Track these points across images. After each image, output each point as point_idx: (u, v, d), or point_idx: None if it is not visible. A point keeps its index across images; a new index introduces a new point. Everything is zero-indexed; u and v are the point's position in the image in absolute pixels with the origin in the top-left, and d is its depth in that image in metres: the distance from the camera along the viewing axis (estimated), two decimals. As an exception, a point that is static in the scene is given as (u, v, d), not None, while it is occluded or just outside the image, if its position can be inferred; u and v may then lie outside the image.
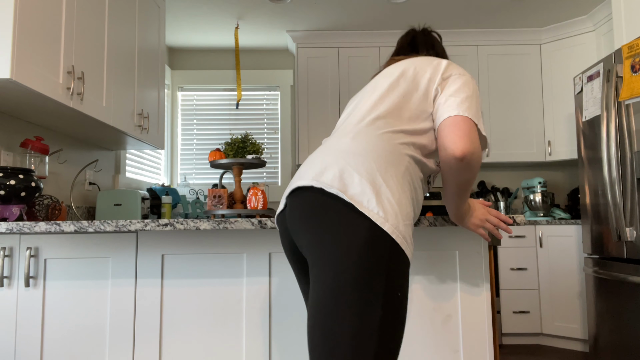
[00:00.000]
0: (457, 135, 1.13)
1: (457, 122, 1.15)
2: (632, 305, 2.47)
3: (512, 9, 3.77)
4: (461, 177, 1.18)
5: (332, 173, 1.09)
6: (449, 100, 1.19)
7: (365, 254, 1.00)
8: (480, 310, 1.58)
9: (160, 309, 1.59)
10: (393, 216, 1.04)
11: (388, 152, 1.13)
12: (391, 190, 1.07)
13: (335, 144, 1.18)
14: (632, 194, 2.46)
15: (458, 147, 1.13)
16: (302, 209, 1.11)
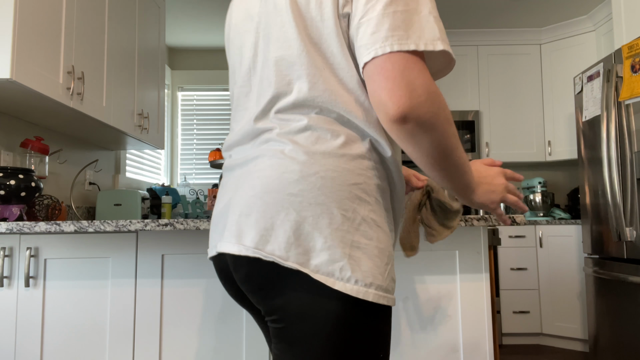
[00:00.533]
0: (383, 87, 0.71)
1: (381, 66, 0.72)
2: (632, 305, 2.47)
3: (512, 9, 3.77)
4: (423, 145, 0.75)
5: (281, 234, 0.76)
6: (364, 30, 0.74)
7: (341, 340, 0.76)
8: (480, 310, 1.58)
9: (160, 308, 1.59)
10: (377, 274, 0.77)
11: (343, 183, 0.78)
12: (353, 232, 0.77)
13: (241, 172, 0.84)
14: (632, 194, 2.46)
15: (389, 105, 0.71)
16: (250, 286, 0.81)
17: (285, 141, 0.80)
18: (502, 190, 0.93)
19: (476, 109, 4.10)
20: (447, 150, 0.76)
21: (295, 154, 0.79)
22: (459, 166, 0.81)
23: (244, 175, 0.84)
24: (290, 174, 0.77)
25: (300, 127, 0.81)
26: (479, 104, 4.11)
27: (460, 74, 4.14)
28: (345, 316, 0.75)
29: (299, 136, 0.80)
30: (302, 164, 0.77)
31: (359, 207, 0.78)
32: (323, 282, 0.75)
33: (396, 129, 0.73)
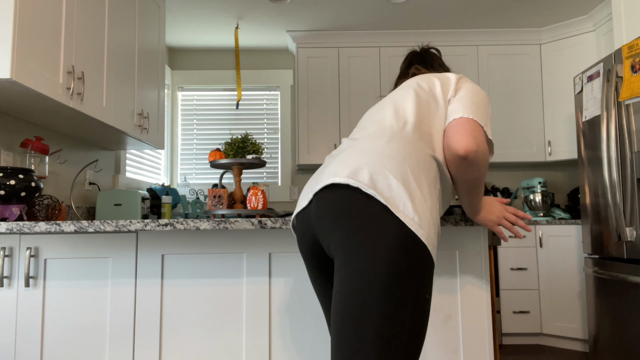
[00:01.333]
0: (460, 133, 1.16)
1: (462, 123, 1.18)
2: (632, 305, 2.47)
3: (512, 9, 3.77)
4: (468, 176, 1.20)
5: (369, 174, 1.08)
6: (456, 104, 1.23)
7: (399, 257, 1.01)
8: (480, 310, 1.58)
9: (160, 309, 1.59)
10: (426, 223, 1.06)
11: (421, 159, 1.14)
12: (424, 197, 1.09)
13: (369, 145, 1.17)
14: (632, 194, 2.46)
15: (461, 145, 1.15)
16: (335, 207, 1.09)
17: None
18: (498, 216, 1.36)
19: (476, 109, 4.09)
20: (477, 182, 1.24)
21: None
22: (478, 194, 1.29)
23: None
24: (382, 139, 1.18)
25: None
26: (479, 104, 4.10)
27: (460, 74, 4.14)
28: (405, 244, 1.02)
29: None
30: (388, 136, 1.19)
31: (423, 176, 1.12)
32: (390, 208, 1.04)
33: (458, 161, 1.18)
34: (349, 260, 1.03)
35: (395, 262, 1.00)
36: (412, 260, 1.02)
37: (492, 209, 1.35)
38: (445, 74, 1.36)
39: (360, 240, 1.03)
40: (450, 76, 1.34)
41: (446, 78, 1.33)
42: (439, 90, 1.30)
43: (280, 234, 1.63)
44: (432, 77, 1.35)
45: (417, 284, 1.02)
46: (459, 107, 1.23)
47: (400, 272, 1.00)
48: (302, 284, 1.61)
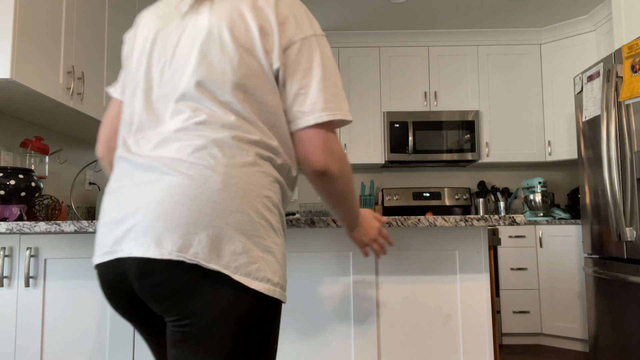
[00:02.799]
0: (312, 151, 0.94)
1: (312, 135, 0.94)
2: (632, 305, 2.47)
3: (512, 9, 3.77)
4: (331, 190, 1.00)
5: (204, 239, 0.82)
6: (298, 98, 0.94)
7: (255, 333, 0.86)
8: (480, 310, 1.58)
9: (160, 309, 1.59)
10: (282, 275, 0.90)
11: (258, 195, 0.89)
12: (266, 238, 0.88)
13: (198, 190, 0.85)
14: (632, 194, 2.46)
15: (316, 163, 0.94)
16: (164, 291, 0.83)
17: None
18: (372, 238, 1.23)
19: (476, 109, 4.10)
20: (345, 194, 1.03)
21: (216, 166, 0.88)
22: (350, 208, 1.09)
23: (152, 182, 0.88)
24: (213, 183, 0.85)
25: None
26: (479, 104, 4.11)
27: (460, 74, 4.14)
28: (259, 312, 0.86)
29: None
30: (222, 175, 0.86)
31: (270, 217, 0.90)
32: (242, 282, 0.83)
33: (316, 179, 0.97)
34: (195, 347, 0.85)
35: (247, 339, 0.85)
36: (265, 326, 0.87)
37: (369, 232, 1.22)
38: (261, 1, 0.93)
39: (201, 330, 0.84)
40: (266, 9, 0.92)
41: (263, 17, 0.91)
42: (259, 46, 0.91)
43: (280, 234, 1.63)
44: (244, 7, 0.92)
45: (268, 342, 0.90)
46: (302, 106, 0.93)
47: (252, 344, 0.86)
48: (302, 285, 1.61)
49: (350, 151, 4.07)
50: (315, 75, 0.93)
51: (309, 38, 0.94)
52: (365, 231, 1.22)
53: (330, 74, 0.95)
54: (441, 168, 4.41)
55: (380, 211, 4.21)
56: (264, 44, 0.90)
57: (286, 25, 0.92)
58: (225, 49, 0.89)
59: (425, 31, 4.14)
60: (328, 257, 1.62)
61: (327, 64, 0.95)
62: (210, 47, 0.89)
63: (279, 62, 0.91)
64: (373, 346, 1.58)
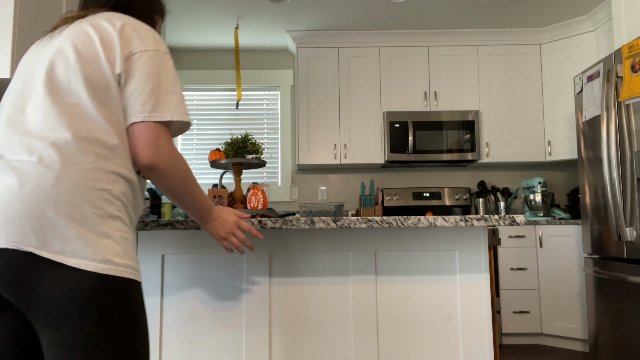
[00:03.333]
0: (139, 146, 1.04)
1: (140, 130, 1.04)
2: (632, 305, 2.47)
3: (512, 9, 3.77)
4: (164, 185, 1.09)
5: (38, 229, 0.91)
6: (131, 98, 1.05)
7: (106, 312, 0.92)
8: (480, 310, 1.58)
9: (160, 309, 1.59)
10: (125, 256, 0.98)
11: (93, 188, 0.98)
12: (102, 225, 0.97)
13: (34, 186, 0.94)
14: (632, 194, 2.46)
15: (142, 157, 1.04)
16: (7, 280, 0.91)
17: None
18: (228, 231, 1.28)
19: (476, 109, 4.10)
20: (182, 190, 1.13)
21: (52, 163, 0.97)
22: (192, 203, 1.17)
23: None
24: (47, 180, 0.94)
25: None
26: (479, 104, 4.11)
27: (460, 74, 4.14)
28: (102, 292, 0.92)
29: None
30: (57, 172, 0.96)
31: (107, 207, 0.99)
32: (76, 266, 0.91)
33: (146, 173, 1.07)
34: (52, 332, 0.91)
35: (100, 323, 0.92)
36: (119, 306, 0.94)
37: (225, 223, 1.28)
38: (105, 21, 1.07)
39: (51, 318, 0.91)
40: (109, 29, 1.06)
41: (106, 34, 1.06)
42: (102, 56, 1.04)
43: (280, 234, 1.63)
44: (89, 28, 1.06)
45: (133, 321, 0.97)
46: (135, 104, 1.05)
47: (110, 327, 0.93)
48: (302, 285, 1.61)
49: (350, 151, 4.07)
50: (151, 80, 1.06)
51: (150, 51, 1.07)
52: (221, 225, 1.28)
53: (167, 82, 1.08)
54: (441, 168, 4.41)
55: (381, 211, 4.21)
56: (107, 55, 1.04)
57: (129, 40, 1.06)
58: (69, 60, 1.03)
59: (425, 31, 4.14)
60: (328, 257, 1.62)
61: (165, 74, 1.08)
62: (56, 59, 1.03)
63: (120, 69, 1.04)
64: (373, 346, 1.58)
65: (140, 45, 1.07)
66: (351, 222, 1.43)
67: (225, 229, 1.28)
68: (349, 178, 4.42)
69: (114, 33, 1.06)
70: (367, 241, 1.62)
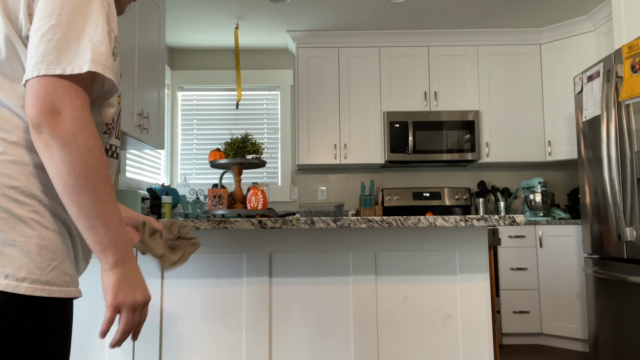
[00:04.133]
0: (28, 102, 0.77)
1: (32, 85, 0.77)
2: (632, 305, 2.47)
3: (512, 9, 3.77)
4: (53, 163, 0.77)
5: None
6: (29, 50, 0.79)
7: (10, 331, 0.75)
8: (480, 310, 1.58)
9: (160, 309, 1.59)
10: (34, 269, 0.78)
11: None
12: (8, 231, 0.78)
13: None
14: (632, 194, 2.47)
15: (29, 114, 0.76)
16: None
17: None
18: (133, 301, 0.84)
19: (476, 109, 4.10)
20: (81, 178, 0.77)
21: None
22: (89, 212, 0.79)
23: None
24: None
25: None
26: (479, 104, 4.11)
27: (460, 74, 4.14)
28: (3, 312, 0.75)
29: None
30: None
31: (15, 208, 0.79)
32: None
33: (34, 138, 0.77)
34: None
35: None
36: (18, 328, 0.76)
37: (135, 286, 0.84)
38: None
39: None
40: None
41: None
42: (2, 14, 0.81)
43: (280, 234, 1.63)
44: None
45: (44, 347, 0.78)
46: (30, 60, 0.78)
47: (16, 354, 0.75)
48: (302, 284, 1.61)
49: (350, 151, 4.07)
50: (45, 23, 0.78)
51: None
52: (129, 283, 0.83)
53: (70, 21, 0.79)
54: (441, 168, 4.41)
55: (381, 211, 4.21)
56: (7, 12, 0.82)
57: None
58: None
59: (425, 31, 4.14)
60: (328, 257, 1.62)
61: (77, 12, 0.80)
62: None
63: (25, 29, 0.82)
64: (373, 346, 1.58)
65: None
66: (351, 222, 1.43)
67: (134, 293, 0.84)
68: (349, 178, 4.42)
69: None
70: (367, 241, 1.62)
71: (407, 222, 1.44)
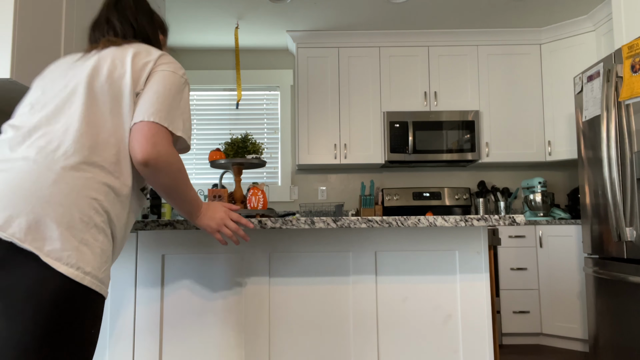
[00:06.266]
0: (138, 140, 1.09)
1: (141, 128, 1.10)
2: (632, 305, 2.47)
3: (512, 9, 3.77)
4: (158, 183, 1.14)
5: (24, 222, 0.96)
6: (139, 103, 1.13)
7: (59, 315, 0.94)
8: (480, 310, 1.58)
9: (160, 309, 1.59)
10: (96, 267, 1.01)
11: (86, 196, 1.03)
12: (85, 232, 1.01)
13: (31, 182, 1.00)
14: (632, 194, 2.46)
15: (138, 152, 1.08)
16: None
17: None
18: (219, 223, 1.31)
19: (476, 109, 4.10)
20: (175, 187, 1.17)
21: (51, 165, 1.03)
22: (184, 201, 1.22)
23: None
24: (45, 179, 1.00)
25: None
26: (479, 104, 4.11)
27: (460, 74, 4.14)
28: (66, 296, 0.95)
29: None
30: (56, 174, 1.01)
31: (94, 215, 1.03)
32: (50, 265, 0.94)
33: (141, 169, 1.11)
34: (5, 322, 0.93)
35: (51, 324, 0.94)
36: (74, 313, 0.97)
37: (214, 215, 1.31)
38: (146, 49, 1.21)
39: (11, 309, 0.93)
40: (149, 56, 1.19)
41: (142, 61, 1.17)
42: (127, 81, 1.14)
43: (280, 234, 1.63)
44: (126, 55, 1.17)
45: (82, 330, 0.98)
46: (141, 108, 1.12)
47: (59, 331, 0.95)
48: (302, 284, 1.61)
49: (350, 151, 4.07)
50: (167, 94, 1.15)
51: (171, 72, 1.18)
52: (210, 218, 1.31)
53: (180, 102, 1.17)
54: (441, 168, 4.41)
55: (381, 211, 4.21)
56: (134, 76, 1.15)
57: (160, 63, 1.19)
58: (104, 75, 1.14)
59: (425, 31, 4.14)
60: (328, 257, 1.62)
61: (180, 96, 1.18)
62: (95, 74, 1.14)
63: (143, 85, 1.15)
64: (373, 346, 1.58)
65: (166, 66, 1.18)
66: (351, 222, 1.43)
67: (215, 220, 1.31)
68: (349, 178, 4.42)
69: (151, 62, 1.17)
70: (367, 241, 1.62)
71: (407, 222, 1.44)
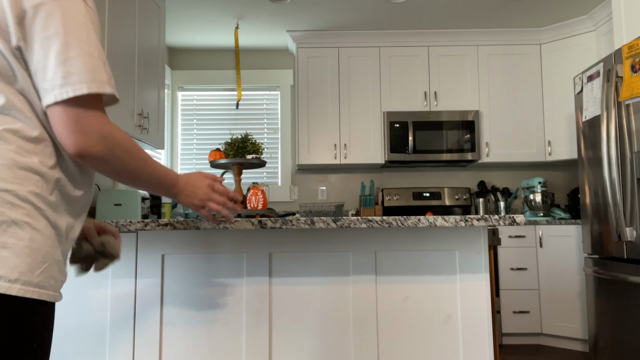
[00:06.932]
0: (61, 133, 0.85)
1: (58, 114, 0.84)
2: (632, 305, 2.47)
3: (512, 9, 3.77)
4: (108, 172, 0.92)
5: None
6: (38, 74, 0.84)
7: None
8: (480, 310, 1.58)
9: (160, 309, 1.59)
10: (26, 271, 0.81)
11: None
12: (12, 238, 0.80)
13: None
14: (632, 194, 2.46)
15: (67, 146, 0.85)
16: None
17: None
18: (203, 198, 1.15)
19: (476, 109, 4.10)
20: (131, 172, 0.95)
21: None
22: (150, 182, 1.01)
23: None
24: None
25: None
26: (479, 104, 4.11)
27: (460, 74, 4.14)
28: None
29: None
30: None
31: (9, 211, 0.81)
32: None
33: (82, 162, 0.88)
34: None
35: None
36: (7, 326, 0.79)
37: (196, 192, 1.14)
38: None
39: None
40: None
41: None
42: None
43: (281, 234, 1.63)
44: None
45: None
46: (42, 82, 0.84)
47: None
48: (303, 284, 1.61)
49: (350, 151, 4.07)
50: (53, 45, 0.82)
51: (46, 3, 0.82)
52: (192, 193, 1.13)
53: (77, 40, 0.84)
54: (441, 168, 4.41)
55: (381, 211, 4.21)
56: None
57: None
58: None
59: (425, 31, 4.14)
60: (328, 257, 1.62)
61: (70, 29, 0.83)
62: None
63: (15, 39, 0.82)
64: (373, 346, 1.58)
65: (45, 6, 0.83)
66: (351, 222, 1.43)
67: (198, 196, 1.14)
68: (349, 178, 4.42)
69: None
70: (367, 241, 1.63)
71: (407, 222, 1.44)
